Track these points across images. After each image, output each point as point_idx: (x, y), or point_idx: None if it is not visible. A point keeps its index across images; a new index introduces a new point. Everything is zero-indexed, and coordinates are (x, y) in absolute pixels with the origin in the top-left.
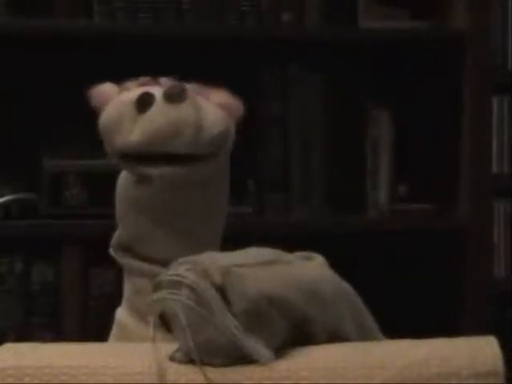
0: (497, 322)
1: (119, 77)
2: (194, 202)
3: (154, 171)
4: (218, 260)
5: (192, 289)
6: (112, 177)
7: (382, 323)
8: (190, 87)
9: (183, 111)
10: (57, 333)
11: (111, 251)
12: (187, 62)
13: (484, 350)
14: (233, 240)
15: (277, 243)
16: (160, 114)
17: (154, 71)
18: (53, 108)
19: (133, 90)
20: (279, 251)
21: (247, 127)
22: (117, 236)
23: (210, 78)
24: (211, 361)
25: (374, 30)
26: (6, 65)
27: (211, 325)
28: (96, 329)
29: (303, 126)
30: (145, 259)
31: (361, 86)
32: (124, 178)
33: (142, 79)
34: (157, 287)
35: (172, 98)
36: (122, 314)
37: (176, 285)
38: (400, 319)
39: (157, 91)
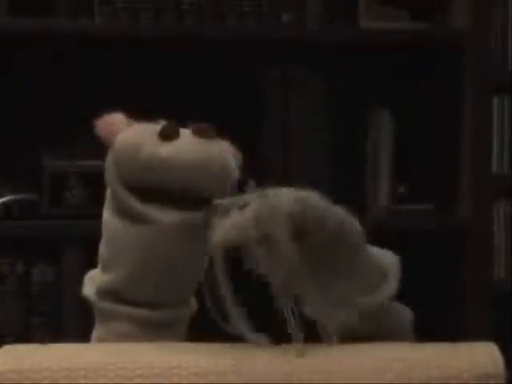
0: (497, 322)
1: (119, 77)
2: (191, 247)
3: (162, 216)
4: None
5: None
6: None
7: None
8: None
9: (213, 148)
10: (57, 333)
11: (92, 297)
12: (188, 63)
13: (484, 353)
14: None
15: None
16: (191, 146)
17: (155, 71)
18: (53, 108)
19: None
20: None
21: (247, 127)
22: (104, 282)
23: (210, 78)
24: None
25: (374, 31)
26: (6, 65)
27: None
28: None
29: (304, 127)
30: (131, 303)
31: (361, 87)
32: (111, 221)
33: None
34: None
35: (203, 133)
36: None
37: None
38: None
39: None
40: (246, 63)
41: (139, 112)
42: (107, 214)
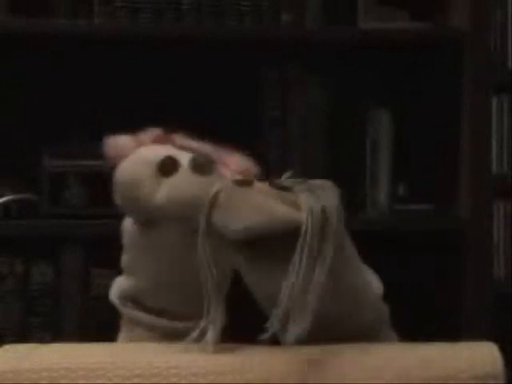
0: (497, 322)
1: (119, 77)
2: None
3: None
4: None
5: None
6: (112, 177)
7: None
8: (210, 151)
9: (211, 185)
10: (57, 333)
11: (115, 300)
12: (187, 63)
13: (483, 353)
14: None
15: None
16: (187, 183)
17: (154, 71)
18: (53, 108)
19: (149, 147)
20: None
21: (247, 128)
22: (123, 287)
23: (209, 78)
24: None
25: (373, 31)
26: (5, 64)
27: None
28: (96, 329)
29: (303, 127)
30: (148, 311)
31: (360, 86)
32: (129, 226)
33: (156, 134)
34: None
35: (200, 169)
36: None
37: None
38: (399, 319)
39: (181, 156)
40: (245, 63)
41: (138, 112)
42: (128, 220)
